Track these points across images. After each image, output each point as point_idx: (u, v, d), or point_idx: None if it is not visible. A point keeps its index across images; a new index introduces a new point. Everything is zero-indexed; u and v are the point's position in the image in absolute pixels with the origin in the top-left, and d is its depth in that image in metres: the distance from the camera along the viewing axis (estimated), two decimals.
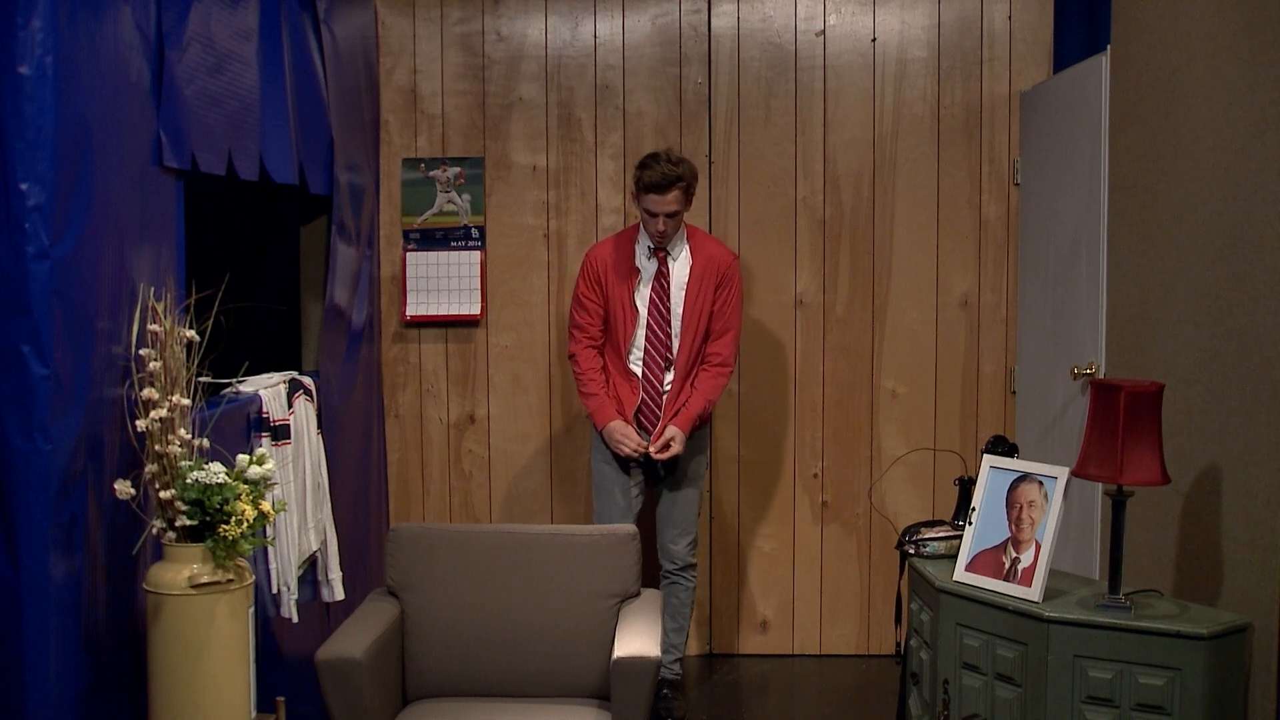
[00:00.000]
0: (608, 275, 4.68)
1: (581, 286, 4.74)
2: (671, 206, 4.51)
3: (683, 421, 4.61)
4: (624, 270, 4.67)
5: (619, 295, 4.66)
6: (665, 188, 4.48)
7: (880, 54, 5.34)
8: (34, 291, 2.68)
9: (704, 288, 4.64)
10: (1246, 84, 3.18)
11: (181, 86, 3.30)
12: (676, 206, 4.52)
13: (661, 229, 4.55)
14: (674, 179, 4.48)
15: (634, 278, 4.66)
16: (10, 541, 2.68)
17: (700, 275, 4.64)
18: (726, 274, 4.67)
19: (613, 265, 4.68)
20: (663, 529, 4.79)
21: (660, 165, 4.50)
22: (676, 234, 4.64)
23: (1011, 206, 5.31)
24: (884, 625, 5.39)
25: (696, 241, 4.71)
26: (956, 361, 5.37)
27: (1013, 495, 3.35)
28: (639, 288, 4.67)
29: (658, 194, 4.48)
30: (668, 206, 4.50)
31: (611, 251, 4.72)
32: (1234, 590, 3.17)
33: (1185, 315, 3.51)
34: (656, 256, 4.66)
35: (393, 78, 5.42)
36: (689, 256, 4.68)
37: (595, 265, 4.71)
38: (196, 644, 2.83)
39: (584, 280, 4.74)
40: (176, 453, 2.89)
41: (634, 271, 4.66)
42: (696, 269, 4.65)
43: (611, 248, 4.74)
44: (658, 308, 4.66)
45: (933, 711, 3.43)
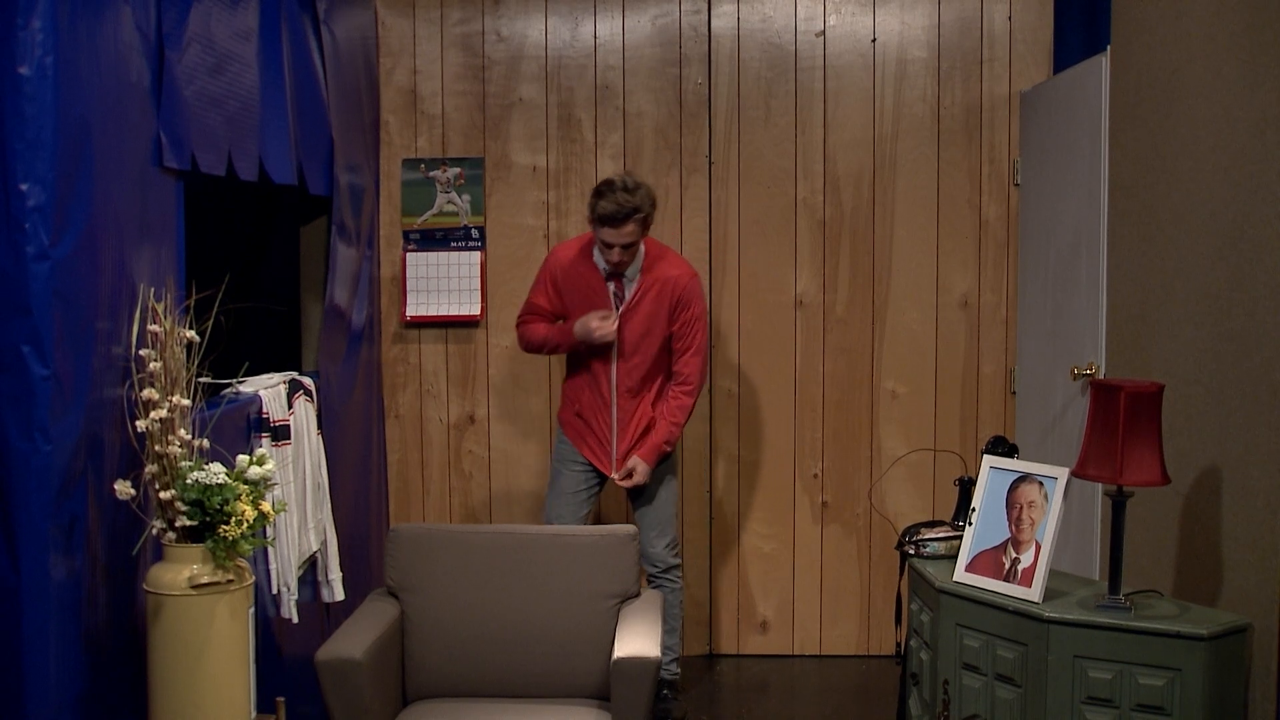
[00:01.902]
0: (569, 284, 4.58)
1: (538, 288, 4.67)
2: (627, 238, 4.37)
3: (647, 453, 4.57)
4: (585, 282, 4.56)
5: (581, 306, 4.56)
6: (620, 220, 4.33)
7: (880, 54, 5.34)
8: (34, 292, 2.68)
9: (657, 312, 4.52)
10: (1246, 84, 3.18)
11: (181, 87, 3.30)
12: (633, 239, 4.39)
13: (616, 260, 4.43)
14: (630, 211, 4.33)
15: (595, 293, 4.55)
16: (10, 542, 2.68)
17: (654, 299, 4.52)
18: (682, 297, 4.53)
19: (575, 275, 4.57)
20: (641, 533, 4.59)
21: (615, 195, 4.33)
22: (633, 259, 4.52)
23: (1011, 207, 5.31)
24: (884, 626, 5.38)
25: (650, 261, 4.55)
26: (956, 362, 5.37)
27: (1013, 496, 3.35)
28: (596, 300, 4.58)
29: (612, 227, 4.34)
30: (623, 238, 4.37)
31: (576, 259, 4.60)
32: (1234, 591, 3.17)
33: (1185, 315, 3.51)
34: (613, 280, 4.56)
35: (393, 78, 5.42)
36: (641, 278, 4.55)
37: (556, 270, 4.61)
38: (196, 644, 2.83)
39: (545, 280, 4.65)
40: (176, 453, 2.89)
41: (594, 287, 4.55)
42: (651, 293, 4.52)
43: (576, 254, 4.61)
44: None
45: (933, 712, 3.43)
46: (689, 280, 4.56)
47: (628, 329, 4.52)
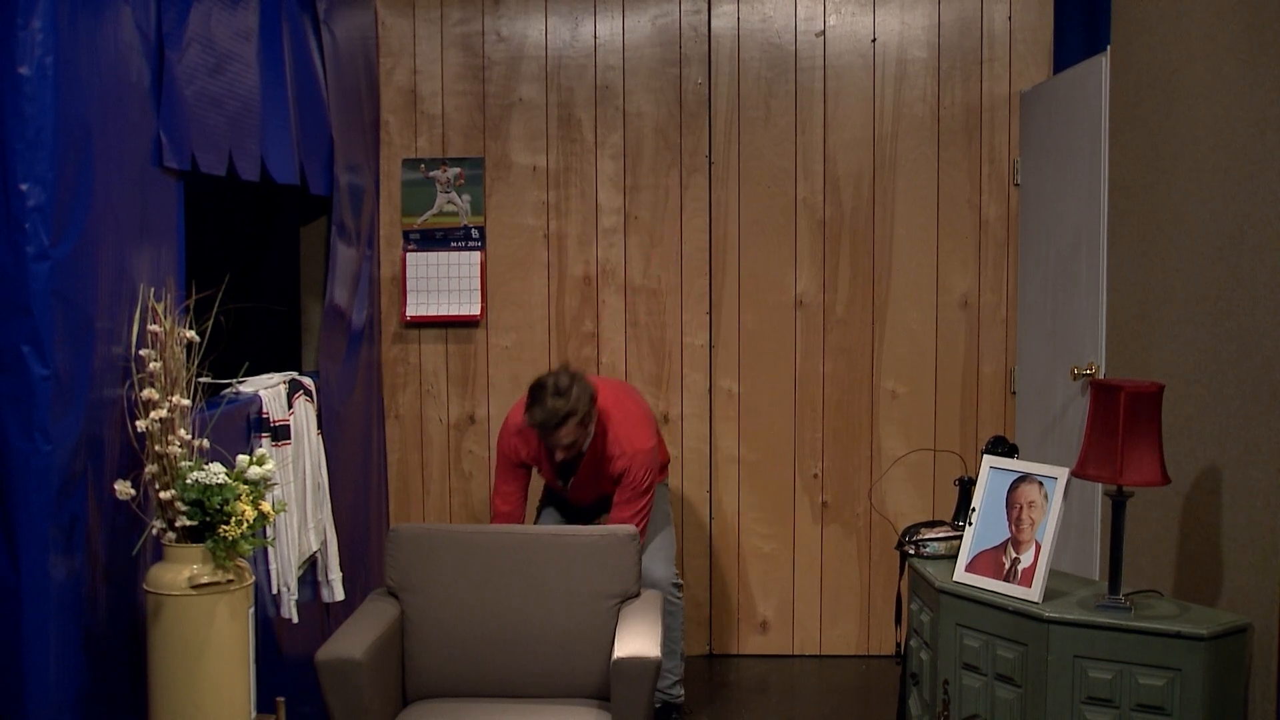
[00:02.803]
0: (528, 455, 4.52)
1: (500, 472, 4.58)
2: (566, 438, 4.20)
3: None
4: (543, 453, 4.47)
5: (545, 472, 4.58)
6: (553, 428, 4.16)
7: (880, 54, 5.34)
8: (34, 292, 2.68)
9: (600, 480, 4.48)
10: (1246, 84, 3.18)
11: (182, 87, 3.30)
12: (572, 438, 4.21)
13: (561, 457, 4.33)
14: (562, 417, 4.13)
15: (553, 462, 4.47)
16: (10, 542, 2.68)
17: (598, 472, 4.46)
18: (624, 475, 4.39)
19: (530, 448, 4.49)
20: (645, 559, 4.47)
21: (545, 402, 4.14)
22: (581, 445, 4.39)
23: (1011, 207, 5.31)
24: (884, 626, 5.39)
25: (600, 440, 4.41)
26: (956, 362, 5.37)
27: (1013, 496, 3.35)
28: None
29: (548, 433, 4.19)
30: (562, 439, 4.20)
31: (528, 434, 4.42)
32: (1234, 591, 3.17)
33: (1185, 316, 3.51)
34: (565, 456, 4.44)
35: (393, 78, 5.42)
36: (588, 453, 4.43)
37: (515, 447, 4.51)
38: (196, 644, 2.83)
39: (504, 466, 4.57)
40: (176, 453, 2.89)
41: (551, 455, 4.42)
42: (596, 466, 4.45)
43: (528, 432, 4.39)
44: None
45: (933, 712, 3.43)
46: (633, 460, 4.37)
47: (576, 491, 4.56)
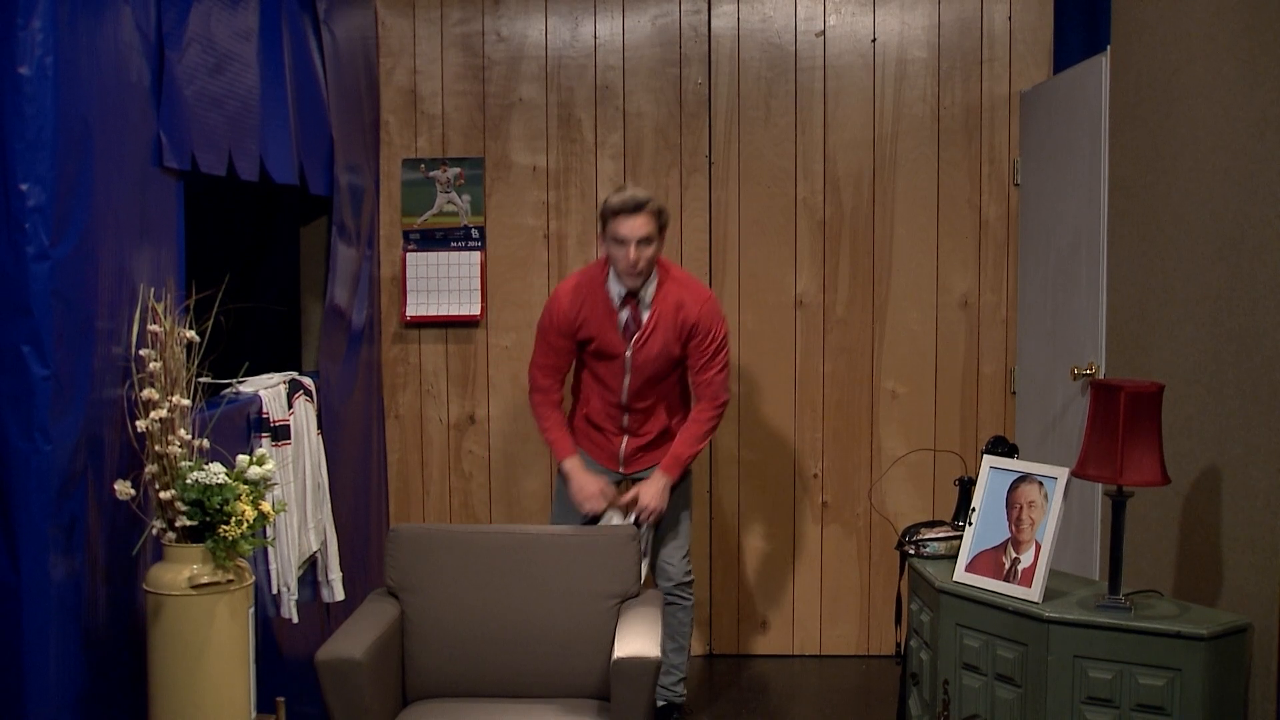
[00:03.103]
0: (583, 315, 4.33)
1: (542, 344, 4.42)
2: (642, 230, 4.14)
3: (668, 465, 4.37)
4: (597, 311, 4.32)
5: (605, 339, 4.33)
6: (634, 209, 4.15)
7: (880, 54, 5.34)
8: (34, 292, 2.68)
9: (669, 340, 4.30)
10: (1246, 84, 3.18)
11: (182, 87, 3.30)
12: (648, 233, 4.16)
13: (633, 257, 4.15)
14: (644, 201, 4.18)
15: (607, 322, 4.32)
16: (10, 542, 2.68)
17: (665, 328, 4.30)
18: (698, 324, 4.30)
19: (585, 306, 4.33)
20: (656, 546, 4.48)
21: (628, 191, 4.24)
22: (649, 275, 4.28)
23: (1011, 207, 5.31)
24: (884, 625, 5.39)
25: (665, 290, 4.31)
26: (956, 362, 5.37)
27: (1013, 496, 3.35)
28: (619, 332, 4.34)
29: (627, 215, 4.15)
30: (638, 231, 4.14)
31: (580, 290, 4.36)
32: (1234, 591, 3.17)
33: (1185, 315, 3.51)
34: (628, 304, 4.30)
35: (393, 78, 5.42)
36: (654, 305, 4.31)
37: (560, 313, 4.35)
38: (196, 644, 2.83)
39: (548, 331, 4.39)
40: (176, 453, 2.89)
41: (605, 315, 4.32)
42: (663, 321, 4.29)
43: (579, 286, 4.37)
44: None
45: (933, 712, 3.43)
46: (702, 307, 4.32)
47: (641, 355, 4.31)
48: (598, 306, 4.32)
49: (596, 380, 4.41)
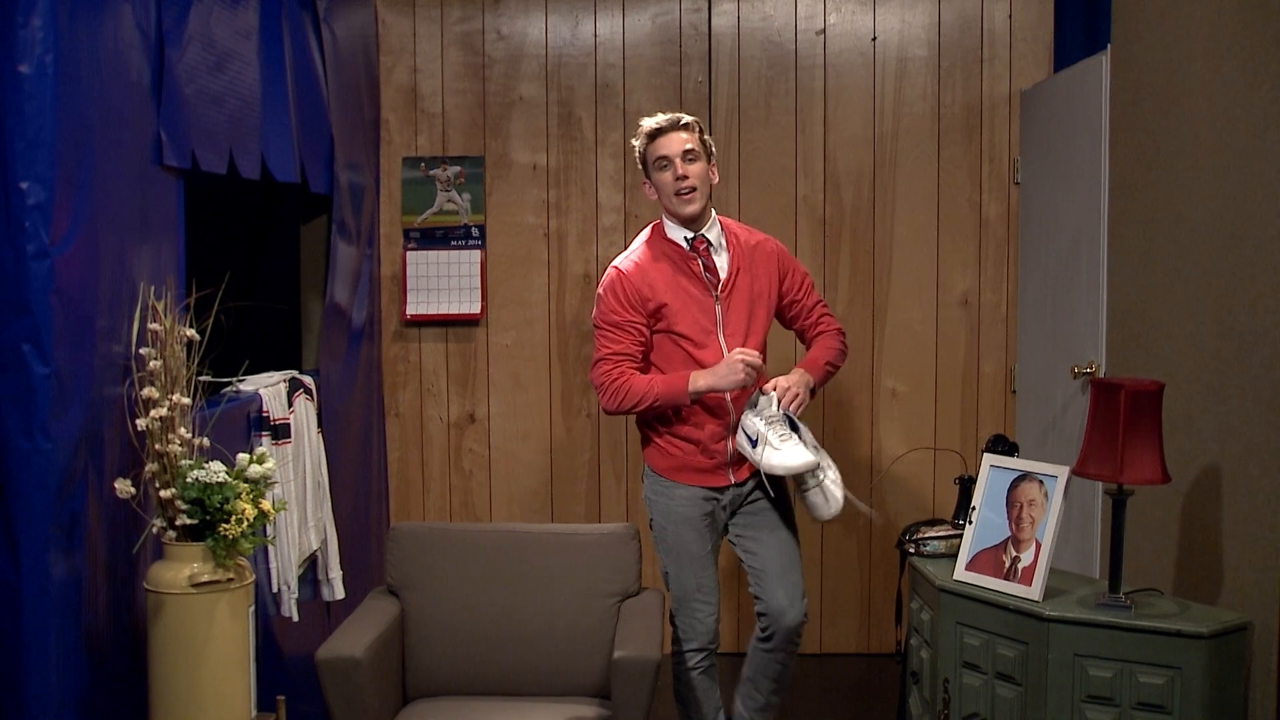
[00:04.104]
0: (654, 281, 3.75)
1: (613, 320, 3.75)
2: (684, 145, 3.72)
3: (811, 366, 3.83)
4: (669, 271, 3.77)
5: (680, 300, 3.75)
6: (670, 128, 3.75)
7: (880, 53, 5.34)
8: (34, 290, 2.68)
9: (758, 281, 3.82)
10: (1247, 83, 3.18)
11: (182, 85, 3.30)
12: (692, 146, 3.72)
13: (682, 173, 3.69)
14: (681, 118, 3.77)
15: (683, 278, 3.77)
16: (11, 540, 2.68)
17: (752, 268, 3.82)
18: (782, 257, 3.91)
19: (655, 269, 3.77)
20: (765, 584, 3.78)
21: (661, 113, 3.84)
22: (704, 201, 3.76)
23: (1012, 205, 5.31)
24: (884, 624, 5.39)
25: (731, 230, 3.88)
26: (957, 360, 5.37)
27: (1013, 494, 3.35)
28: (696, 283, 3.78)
29: (665, 134, 3.74)
30: (683, 144, 3.72)
31: (646, 253, 3.82)
32: (1234, 589, 3.17)
33: (1186, 314, 3.51)
34: (697, 249, 3.78)
35: (393, 76, 5.42)
36: (730, 249, 3.83)
37: (627, 281, 3.76)
38: (197, 643, 2.83)
39: (620, 303, 3.75)
40: (177, 452, 2.89)
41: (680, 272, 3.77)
42: (746, 260, 3.82)
43: (644, 249, 3.83)
44: None
45: (933, 710, 3.43)
46: (778, 242, 3.96)
47: (732, 303, 3.77)
48: (666, 261, 3.78)
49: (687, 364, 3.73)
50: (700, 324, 3.74)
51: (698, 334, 3.73)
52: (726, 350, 3.70)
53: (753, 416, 3.62)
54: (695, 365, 3.70)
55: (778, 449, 3.60)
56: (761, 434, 3.60)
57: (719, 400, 3.71)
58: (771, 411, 3.60)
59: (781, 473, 3.62)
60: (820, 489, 3.67)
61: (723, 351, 3.70)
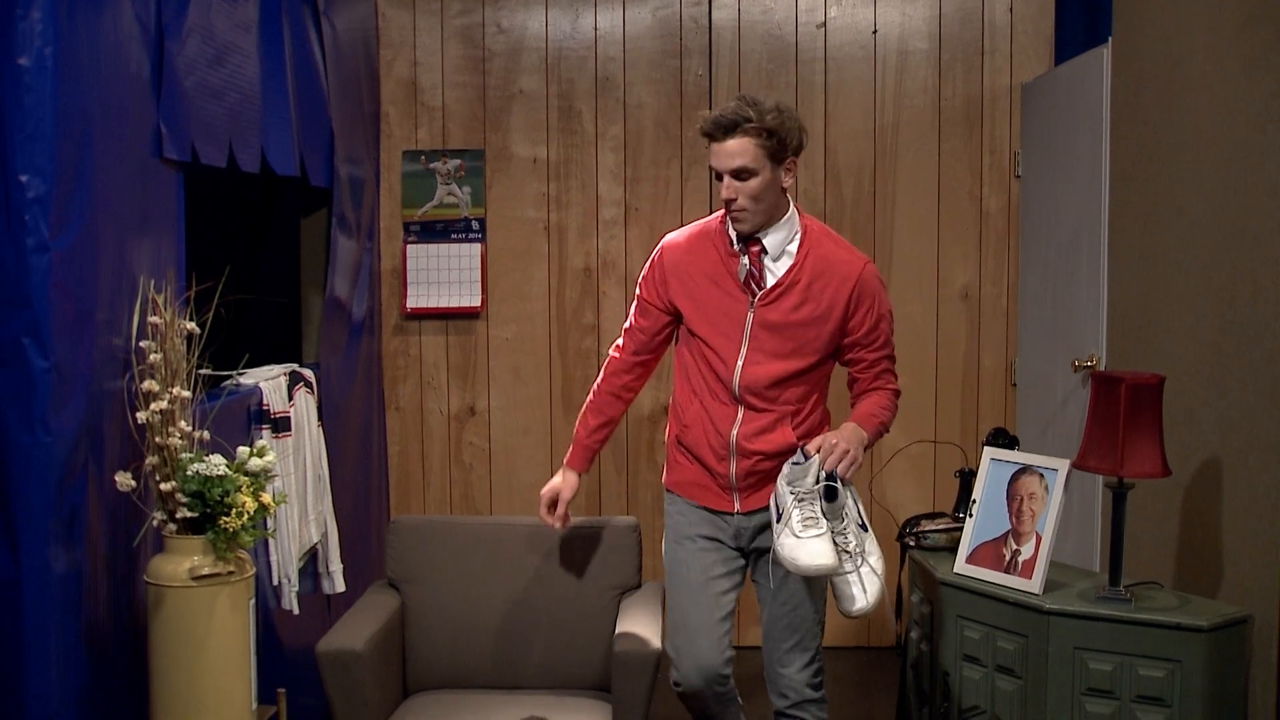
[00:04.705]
0: (687, 270, 3.34)
1: (646, 288, 3.44)
2: (736, 160, 3.13)
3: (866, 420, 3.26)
4: (707, 264, 3.32)
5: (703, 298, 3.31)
6: (727, 130, 3.14)
7: (881, 46, 5.33)
8: (34, 284, 2.68)
9: (817, 302, 3.23)
10: (1248, 76, 3.18)
11: (181, 78, 3.30)
12: (744, 161, 3.13)
13: (728, 195, 3.17)
14: (740, 120, 3.12)
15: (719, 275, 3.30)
16: (11, 534, 2.68)
17: (813, 287, 3.24)
18: (864, 287, 3.25)
19: (695, 257, 3.35)
20: (769, 647, 3.40)
21: (728, 105, 3.18)
22: (766, 214, 3.21)
23: (1012, 199, 5.30)
24: (884, 617, 5.39)
25: (812, 241, 3.28)
26: (957, 354, 5.37)
27: (1013, 487, 3.35)
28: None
29: (718, 140, 3.17)
30: (732, 160, 3.14)
31: (695, 240, 3.38)
32: (1234, 582, 3.17)
33: (1187, 307, 3.51)
34: (748, 252, 3.26)
35: (393, 70, 5.41)
36: (797, 256, 3.26)
37: (668, 260, 3.38)
38: (197, 636, 2.83)
39: (652, 277, 3.42)
40: (177, 445, 2.89)
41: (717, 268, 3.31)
42: (808, 275, 3.24)
43: (695, 236, 3.40)
44: None
45: (933, 703, 3.43)
46: (866, 267, 3.29)
47: (768, 315, 3.23)
48: (711, 250, 3.33)
49: (700, 369, 3.33)
50: (723, 330, 3.27)
51: (719, 341, 3.28)
52: (742, 372, 3.24)
53: (783, 484, 3.04)
54: (709, 375, 3.30)
55: (798, 537, 2.98)
56: (786, 510, 3.00)
57: (720, 411, 3.29)
58: (807, 484, 2.98)
59: (793, 570, 2.98)
60: (858, 576, 3.05)
61: (737, 371, 3.24)
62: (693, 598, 3.32)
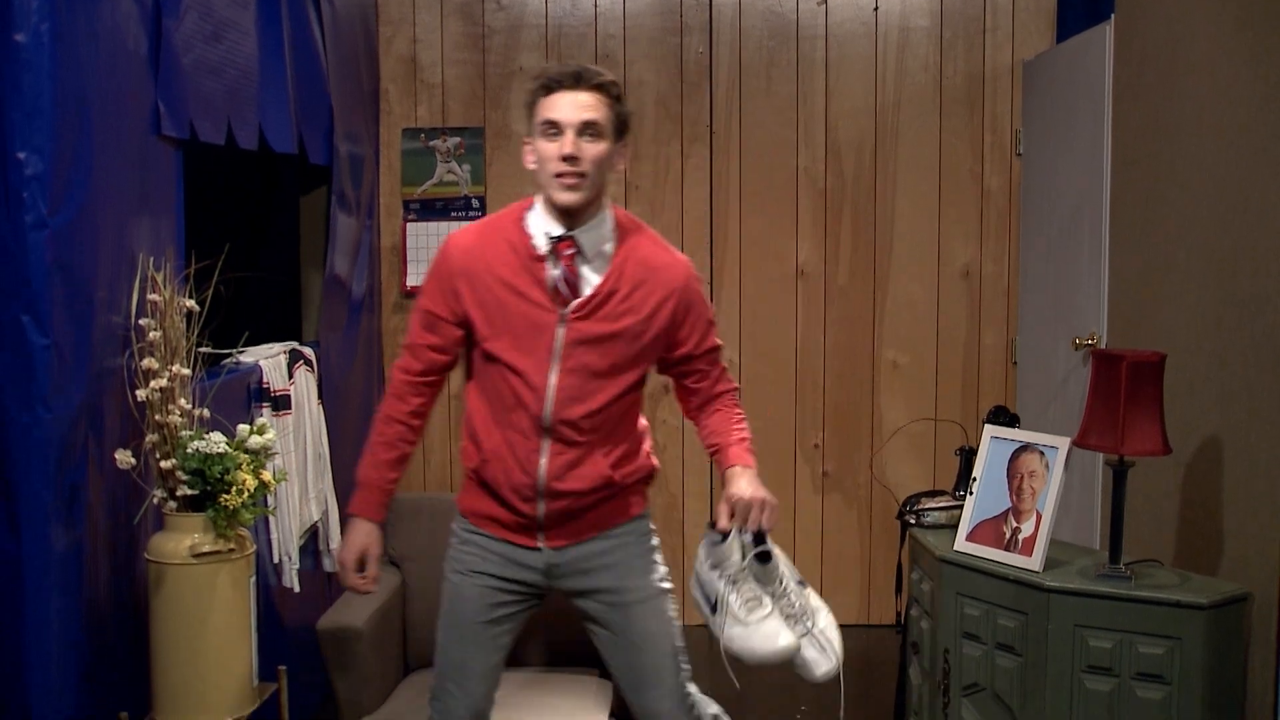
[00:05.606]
0: (483, 282, 2.75)
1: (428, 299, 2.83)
2: (587, 113, 2.67)
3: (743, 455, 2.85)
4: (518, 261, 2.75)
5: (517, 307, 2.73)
6: (579, 79, 2.68)
7: (882, 23, 5.31)
8: (33, 261, 2.67)
9: (640, 309, 2.75)
10: (1251, 53, 3.16)
11: (180, 55, 3.28)
12: (596, 115, 2.67)
13: (571, 152, 2.65)
14: (594, 75, 2.70)
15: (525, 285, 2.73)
16: (11, 512, 2.68)
17: (635, 292, 2.76)
18: (688, 295, 2.81)
19: (492, 262, 2.76)
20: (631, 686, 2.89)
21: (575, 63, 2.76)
22: (595, 191, 2.71)
23: (1014, 177, 5.29)
24: (884, 595, 5.40)
25: (632, 242, 2.79)
26: (958, 332, 5.36)
27: (1014, 465, 3.35)
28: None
29: (568, 89, 2.68)
30: (581, 111, 2.66)
31: (488, 239, 2.79)
32: (1234, 560, 3.18)
33: (1188, 285, 3.50)
34: (559, 254, 2.72)
35: (392, 47, 5.39)
36: (615, 259, 2.76)
37: (456, 263, 2.78)
38: (198, 613, 2.84)
39: (435, 284, 2.82)
40: (177, 423, 2.89)
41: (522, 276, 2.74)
42: (630, 279, 2.76)
43: (488, 234, 2.81)
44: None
45: (933, 680, 3.44)
46: (689, 268, 2.85)
47: (583, 331, 2.73)
48: (508, 252, 2.76)
49: (501, 393, 2.78)
50: (527, 348, 2.73)
51: (523, 362, 2.73)
52: (554, 399, 2.73)
53: (707, 567, 2.71)
54: (516, 406, 2.76)
55: (745, 625, 2.64)
56: (722, 598, 2.66)
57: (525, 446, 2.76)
58: (735, 562, 2.65)
59: (754, 662, 2.63)
60: (811, 639, 2.68)
61: (548, 399, 2.73)
62: (472, 639, 2.86)
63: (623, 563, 2.85)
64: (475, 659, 2.87)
